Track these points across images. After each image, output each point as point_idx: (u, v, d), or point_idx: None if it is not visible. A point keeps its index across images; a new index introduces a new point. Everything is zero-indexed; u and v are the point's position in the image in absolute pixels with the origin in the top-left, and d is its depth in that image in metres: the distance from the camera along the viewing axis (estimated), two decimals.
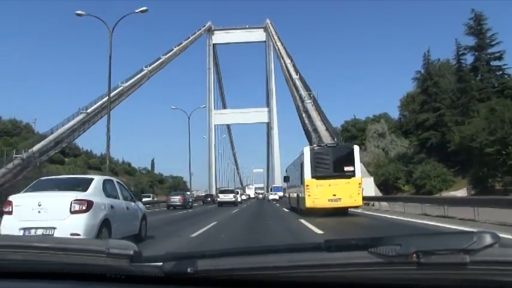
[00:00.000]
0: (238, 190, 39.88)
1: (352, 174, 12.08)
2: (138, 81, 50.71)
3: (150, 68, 52.45)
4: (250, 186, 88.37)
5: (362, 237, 0.85)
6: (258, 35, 74.93)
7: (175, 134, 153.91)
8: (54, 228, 5.13)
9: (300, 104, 41.62)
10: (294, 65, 51.98)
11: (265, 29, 72.87)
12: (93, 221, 5.33)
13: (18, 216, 5.27)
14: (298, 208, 13.95)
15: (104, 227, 5.53)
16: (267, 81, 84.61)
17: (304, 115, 39.38)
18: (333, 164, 12.24)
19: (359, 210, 13.89)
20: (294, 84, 47.05)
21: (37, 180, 6.28)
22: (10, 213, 5.33)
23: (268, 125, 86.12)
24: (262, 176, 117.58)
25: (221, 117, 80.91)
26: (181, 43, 61.74)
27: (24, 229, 5.12)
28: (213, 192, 53.84)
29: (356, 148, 12.63)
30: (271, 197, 46.19)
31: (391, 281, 0.80)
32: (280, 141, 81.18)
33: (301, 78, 47.60)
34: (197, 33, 67.76)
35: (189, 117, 35.35)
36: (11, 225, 5.22)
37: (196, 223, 11.19)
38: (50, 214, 5.19)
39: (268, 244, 1.06)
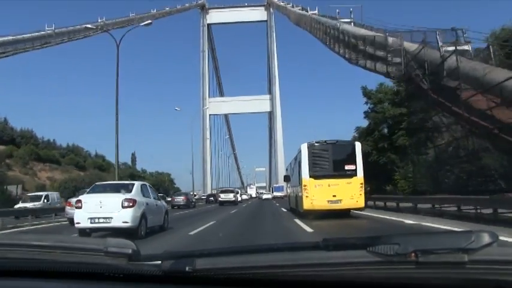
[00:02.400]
0: (239, 190, 45.04)
1: (353, 173, 12.48)
2: (83, 32, 43.48)
3: (108, 21, 45.59)
4: (252, 185, 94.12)
5: (360, 236, 0.95)
6: (258, 14, 74.67)
7: (170, 130, 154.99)
8: (111, 218, 8.06)
9: (332, 32, 27.63)
10: (306, 10, 43.59)
11: (267, 7, 72.57)
12: (137, 213, 8.27)
13: (86, 210, 8.23)
14: (297, 210, 14.51)
15: (143, 218, 8.44)
16: (268, 66, 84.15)
17: (340, 45, 25.59)
18: (333, 162, 12.63)
19: None
20: (311, 18, 37.73)
21: (94, 185, 9.83)
22: (80, 208, 8.34)
23: (271, 115, 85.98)
24: (264, 175, 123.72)
25: (217, 106, 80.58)
26: (164, 9, 59.88)
27: (91, 218, 8.12)
28: (208, 192, 55.36)
29: (358, 145, 13.07)
30: (264, 196, 52.25)
31: (389, 280, 0.87)
32: (284, 134, 79.94)
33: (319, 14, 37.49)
34: (187, 5, 66.96)
35: (118, 45, 21.84)
36: (81, 216, 8.25)
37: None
38: (108, 208, 8.16)
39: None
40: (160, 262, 1.02)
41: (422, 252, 0.83)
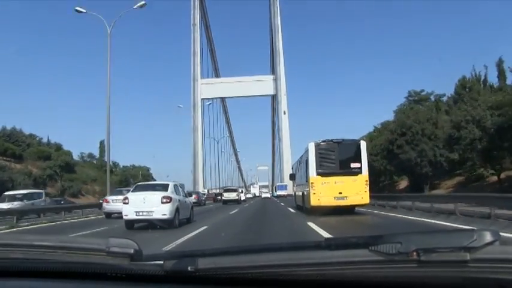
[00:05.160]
0: (242, 189, 55.73)
1: (358, 171, 16.06)
2: None
3: None
4: (255, 185, 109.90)
5: (362, 235, 1.16)
6: None
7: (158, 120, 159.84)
8: (152, 211, 11.94)
9: None
10: None
11: None
12: (173, 208, 12.27)
13: (132, 205, 12.16)
14: (304, 207, 18.26)
15: (177, 212, 12.45)
16: (271, 42, 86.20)
17: None
18: (339, 160, 16.22)
19: None
20: None
21: (136, 185, 14.34)
22: (127, 203, 12.29)
23: (275, 99, 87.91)
24: (267, 173, 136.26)
25: (211, 88, 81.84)
26: None
27: (136, 212, 12.01)
28: (200, 190, 59.08)
29: (363, 144, 16.68)
30: (263, 195, 65.64)
31: (391, 279, 1.06)
32: (290, 121, 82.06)
33: None
34: None
35: None
36: (128, 210, 12.16)
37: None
38: (150, 204, 12.05)
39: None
40: (162, 262, 1.25)
41: (424, 251, 1.01)
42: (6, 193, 23.69)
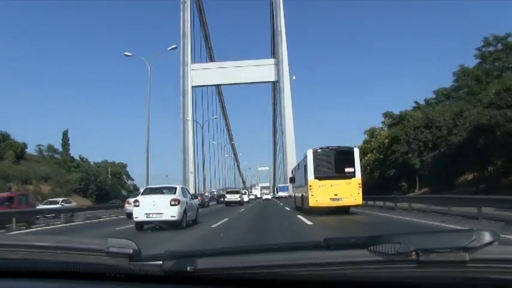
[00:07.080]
0: (246, 191, 65.42)
1: (352, 175, 20.53)
2: None
3: None
4: (257, 186, 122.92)
5: (362, 236, 1.34)
6: None
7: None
8: (162, 213, 15.29)
9: None
10: None
11: None
12: (181, 210, 15.68)
13: (142, 207, 15.55)
14: (303, 207, 22.92)
15: (184, 213, 15.92)
16: (272, 22, 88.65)
17: None
18: (335, 165, 20.71)
19: None
20: None
21: (145, 188, 18.49)
22: (138, 206, 15.71)
23: (276, 86, 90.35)
24: (268, 174, 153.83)
25: (203, 74, 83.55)
26: None
27: (146, 214, 15.43)
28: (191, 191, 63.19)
29: (356, 150, 21.27)
30: (264, 196, 75.39)
31: (390, 279, 1.21)
32: (294, 112, 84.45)
33: None
34: None
35: None
36: (139, 212, 15.55)
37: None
38: (159, 206, 15.41)
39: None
40: (161, 262, 1.44)
41: (424, 251, 1.16)
42: None
